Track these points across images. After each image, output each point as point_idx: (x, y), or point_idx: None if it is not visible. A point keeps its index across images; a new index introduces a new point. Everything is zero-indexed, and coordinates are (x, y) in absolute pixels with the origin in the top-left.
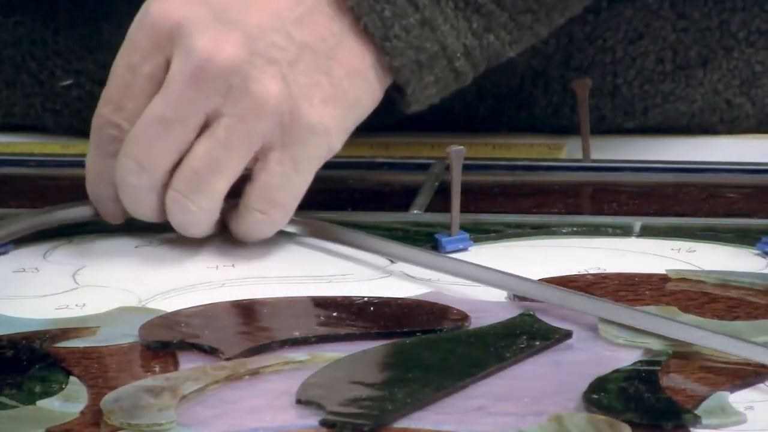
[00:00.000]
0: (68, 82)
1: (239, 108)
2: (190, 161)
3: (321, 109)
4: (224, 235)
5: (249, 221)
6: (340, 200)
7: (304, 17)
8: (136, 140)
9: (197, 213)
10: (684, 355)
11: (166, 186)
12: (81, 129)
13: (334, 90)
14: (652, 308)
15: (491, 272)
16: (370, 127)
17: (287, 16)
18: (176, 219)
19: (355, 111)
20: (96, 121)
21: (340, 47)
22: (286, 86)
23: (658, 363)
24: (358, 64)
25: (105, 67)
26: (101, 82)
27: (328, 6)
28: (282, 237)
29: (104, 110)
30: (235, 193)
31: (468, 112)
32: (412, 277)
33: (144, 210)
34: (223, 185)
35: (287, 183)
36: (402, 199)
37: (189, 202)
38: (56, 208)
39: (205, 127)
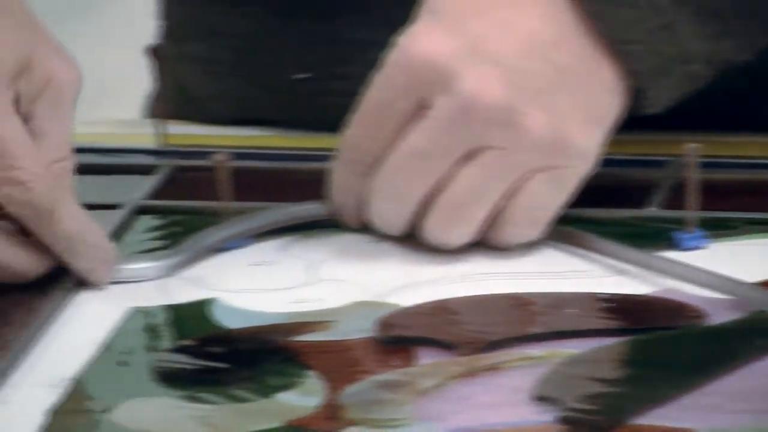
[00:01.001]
0: (303, 75)
1: (506, 142)
2: (454, 191)
3: (583, 130)
4: None
5: (504, 234)
6: (577, 196)
7: (558, 38)
8: (394, 170)
9: (457, 239)
10: None
11: (418, 211)
12: (316, 123)
13: (592, 109)
14: None
15: (720, 278)
16: None
17: (542, 39)
18: (433, 242)
19: (608, 124)
20: (345, 140)
21: (592, 63)
22: (550, 113)
23: None
24: (609, 77)
25: (340, 61)
26: (336, 77)
27: (575, 21)
28: None
29: (353, 133)
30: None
31: (704, 111)
32: (646, 273)
33: (393, 230)
34: (485, 212)
35: (549, 203)
36: (638, 195)
37: (451, 229)
38: (295, 205)
39: (465, 157)
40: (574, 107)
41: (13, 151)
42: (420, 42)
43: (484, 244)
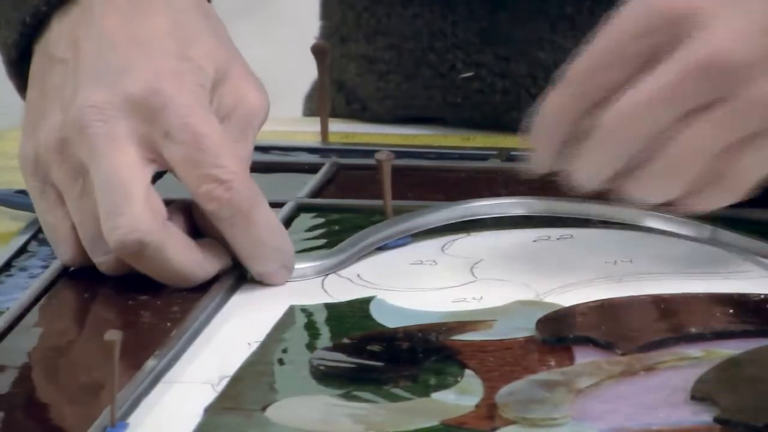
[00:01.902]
0: (469, 74)
1: (740, 99)
2: (675, 145)
3: None
4: (625, 232)
5: (703, 196)
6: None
7: None
8: (619, 116)
9: (663, 195)
10: None
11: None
12: (481, 122)
13: None
14: None
15: None
16: None
17: None
18: (636, 196)
19: None
20: (571, 72)
21: None
22: None
23: None
24: None
25: (505, 59)
26: (501, 75)
27: None
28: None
29: (582, 66)
30: None
31: None
32: None
33: (593, 181)
34: (700, 169)
35: (756, 170)
36: None
37: (663, 183)
38: (455, 204)
39: (691, 112)
40: None
41: (215, 148)
42: None
43: (642, 240)
